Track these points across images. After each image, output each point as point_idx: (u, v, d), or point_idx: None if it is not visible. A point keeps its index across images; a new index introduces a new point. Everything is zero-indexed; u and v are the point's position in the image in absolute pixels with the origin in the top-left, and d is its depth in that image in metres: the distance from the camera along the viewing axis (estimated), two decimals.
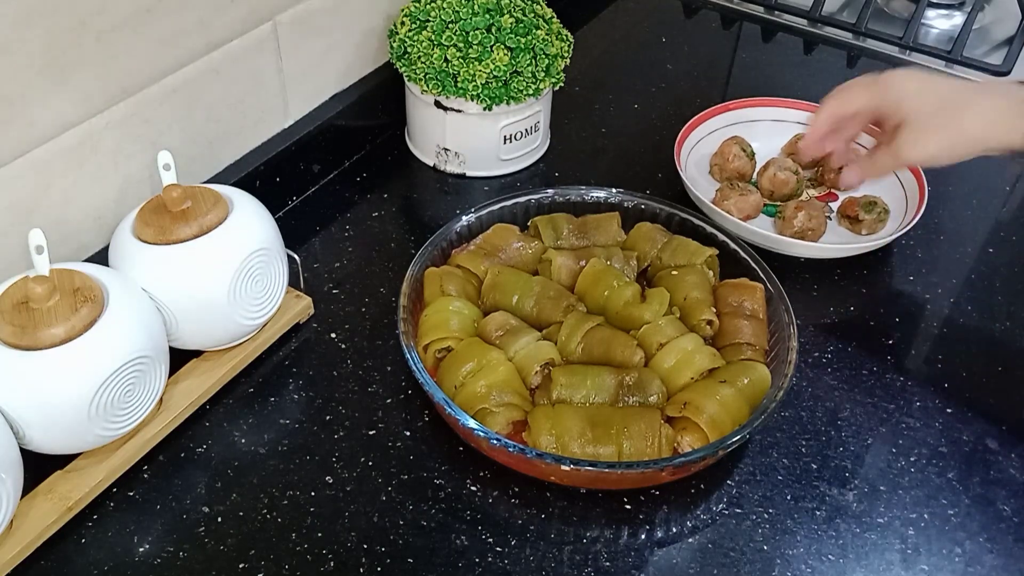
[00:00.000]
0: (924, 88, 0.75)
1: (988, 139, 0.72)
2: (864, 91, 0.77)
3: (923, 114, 0.73)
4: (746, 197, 0.93)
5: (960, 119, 0.73)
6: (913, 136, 0.74)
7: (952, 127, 0.73)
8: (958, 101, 0.73)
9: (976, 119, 0.72)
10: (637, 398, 0.73)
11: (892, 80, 0.76)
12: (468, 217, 0.86)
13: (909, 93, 0.74)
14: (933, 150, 0.74)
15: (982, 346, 0.85)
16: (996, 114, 0.72)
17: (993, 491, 0.73)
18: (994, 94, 0.73)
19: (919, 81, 0.75)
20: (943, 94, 0.74)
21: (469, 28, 0.91)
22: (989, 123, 0.72)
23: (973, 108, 0.73)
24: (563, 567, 0.67)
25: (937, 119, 0.73)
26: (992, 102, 0.72)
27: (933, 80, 0.76)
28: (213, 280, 0.72)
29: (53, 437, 0.66)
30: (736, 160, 0.98)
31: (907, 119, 0.74)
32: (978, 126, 0.72)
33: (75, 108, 0.72)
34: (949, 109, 0.73)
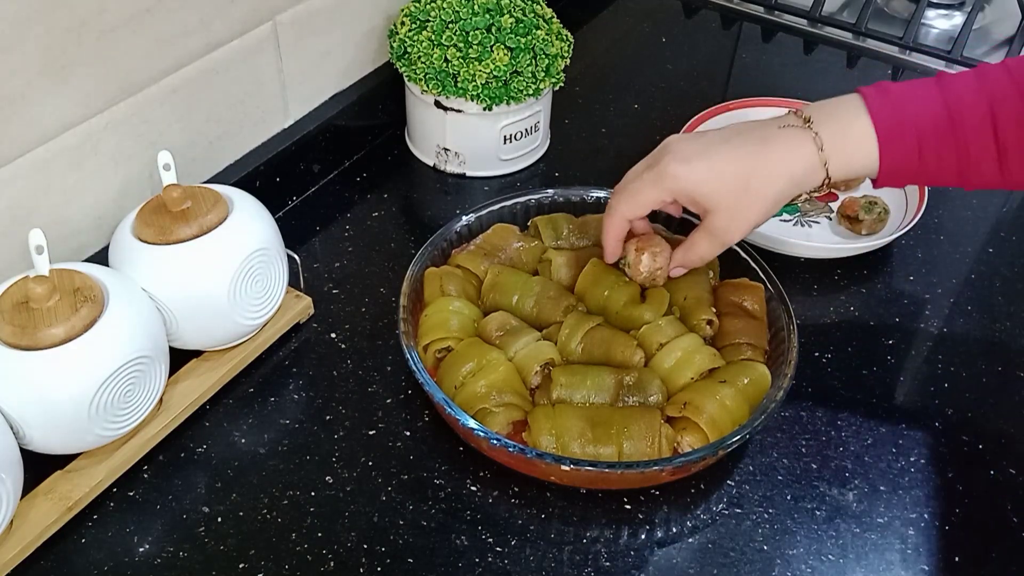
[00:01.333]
0: (712, 168, 0.70)
1: (797, 187, 0.71)
2: (653, 190, 0.73)
3: (724, 200, 0.71)
4: None
5: (762, 190, 0.70)
6: (726, 222, 0.72)
7: (759, 200, 0.70)
8: (752, 173, 0.70)
9: (777, 184, 0.70)
10: (637, 398, 0.73)
11: (676, 172, 0.71)
12: (468, 217, 0.86)
13: (701, 181, 0.71)
14: (749, 225, 0.72)
15: (982, 346, 0.85)
16: (793, 170, 0.70)
17: (993, 491, 0.73)
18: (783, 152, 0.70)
19: (703, 163, 0.71)
20: (734, 172, 0.70)
21: (469, 28, 0.91)
22: (789, 182, 0.70)
23: (769, 175, 0.70)
24: (563, 567, 0.67)
25: (741, 199, 0.71)
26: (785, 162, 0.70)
27: (714, 155, 0.71)
28: (213, 280, 0.72)
29: (53, 437, 0.66)
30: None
31: (711, 208, 0.72)
32: (781, 189, 0.70)
33: (75, 108, 0.72)
34: (749, 185, 0.70)
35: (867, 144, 0.68)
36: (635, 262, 0.80)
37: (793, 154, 0.69)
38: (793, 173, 0.70)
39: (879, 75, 1.20)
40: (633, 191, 0.74)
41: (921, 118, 0.68)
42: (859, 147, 0.69)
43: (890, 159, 0.68)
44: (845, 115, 0.69)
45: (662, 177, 0.71)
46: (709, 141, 0.72)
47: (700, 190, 0.71)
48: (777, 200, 0.71)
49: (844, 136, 0.69)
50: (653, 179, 0.72)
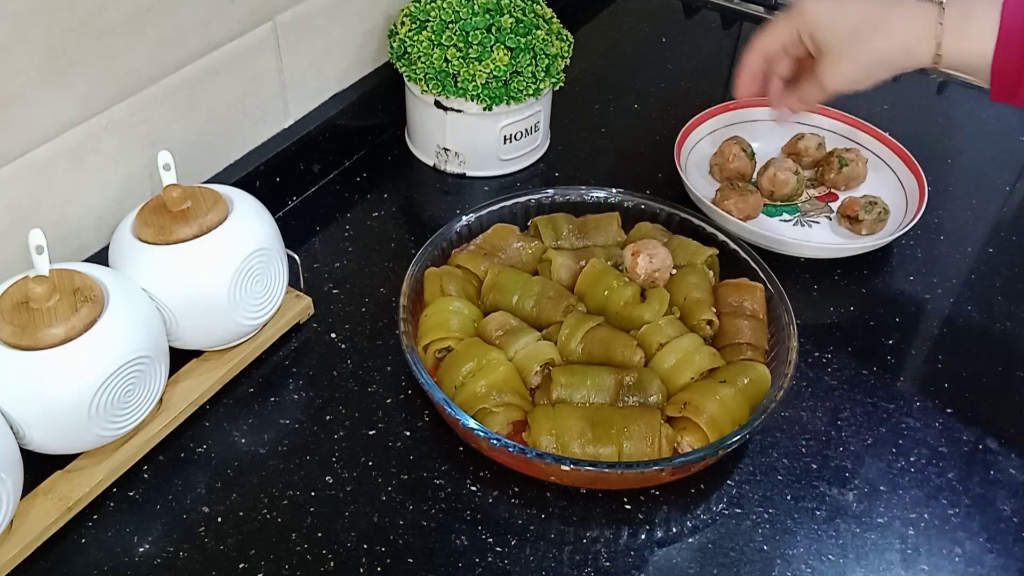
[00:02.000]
0: (836, 12, 0.75)
1: (901, 60, 0.73)
2: (784, 22, 0.78)
3: (837, 41, 0.74)
4: (746, 197, 0.93)
5: (873, 43, 0.73)
6: (830, 64, 0.75)
7: (865, 52, 0.73)
8: (870, 23, 0.73)
9: (888, 42, 0.73)
10: (637, 398, 0.73)
11: (803, 8, 0.77)
12: (468, 217, 0.86)
13: (822, 19, 0.75)
14: (851, 76, 0.75)
15: (982, 346, 0.85)
16: (907, 35, 0.72)
17: (993, 491, 0.73)
18: (904, 14, 0.73)
19: (832, 5, 0.75)
20: (855, 17, 0.74)
21: (469, 28, 0.91)
22: (900, 45, 0.72)
23: (884, 31, 0.73)
24: (563, 567, 0.67)
25: (851, 45, 0.74)
26: (903, 23, 0.72)
27: (842, 3, 0.75)
28: (213, 280, 0.72)
29: (53, 437, 0.66)
30: (736, 160, 0.98)
31: (823, 47, 0.76)
32: (890, 48, 0.73)
33: (75, 108, 0.72)
34: (862, 33, 0.73)
35: (987, 37, 0.69)
36: (632, 265, 0.80)
37: (912, 20, 0.71)
38: (905, 38, 0.72)
39: None
40: (768, 26, 0.80)
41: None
42: (978, 36, 0.69)
43: (1003, 59, 0.68)
44: (979, 3, 0.70)
45: (792, 11, 0.77)
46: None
47: (819, 26, 0.75)
48: (881, 57, 0.73)
49: (967, 20, 0.70)
50: (786, 14, 0.78)
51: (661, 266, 0.80)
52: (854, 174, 0.98)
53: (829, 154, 1.00)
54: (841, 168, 0.98)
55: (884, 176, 1.00)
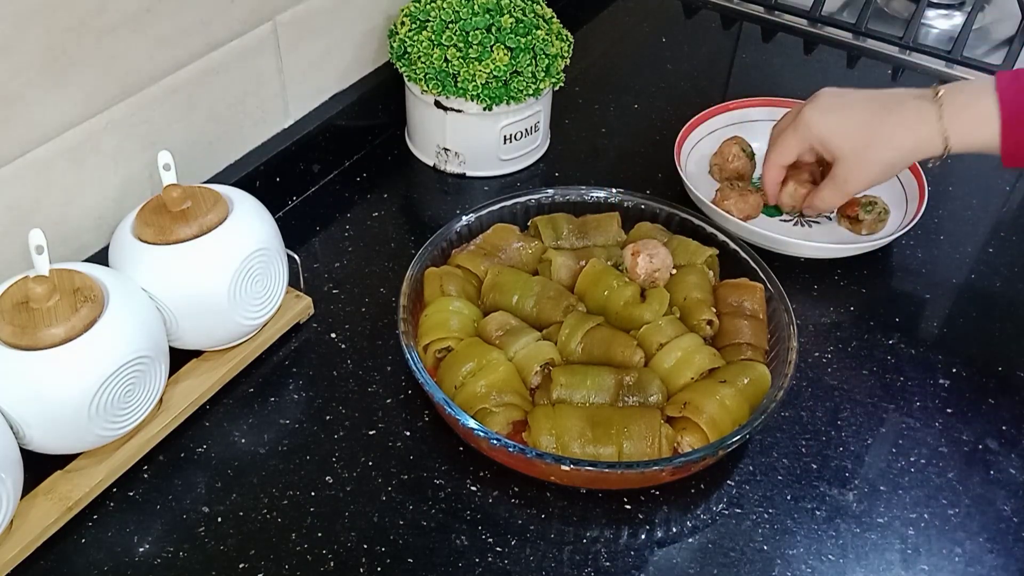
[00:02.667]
0: (843, 122, 0.81)
1: (913, 158, 0.80)
2: (793, 138, 0.84)
3: (850, 150, 0.81)
4: (746, 197, 0.93)
5: (883, 151, 0.80)
6: (848, 171, 0.82)
7: (878, 159, 0.80)
8: (876, 134, 0.79)
9: (898, 149, 0.79)
10: (637, 398, 0.73)
11: (811, 120, 0.82)
12: (468, 217, 0.86)
13: (831, 131, 0.81)
14: (869, 179, 0.82)
15: (982, 346, 0.85)
16: (915, 139, 0.78)
17: (993, 491, 0.73)
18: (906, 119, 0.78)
19: (836, 115, 0.81)
20: (862, 125, 0.80)
21: (469, 28, 0.91)
22: (910, 149, 0.79)
23: (891, 139, 0.79)
24: (563, 567, 0.67)
25: (865, 153, 0.80)
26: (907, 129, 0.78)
27: (849, 109, 0.81)
28: (213, 280, 0.72)
29: (53, 437, 0.66)
30: (736, 160, 0.98)
31: (837, 156, 0.82)
32: (901, 154, 0.79)
33: (75, 108, 0.72)
34: (871, 144, 0.80)
35: (990, 123, 0.74)
36: (632, 265, 0.80)
37: (914, 124, 0.77)
38: (913, 143, 0.78)
39: (879, 75, 1.20)
40: (779, 142, 0.86)
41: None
42: (982, 123, 0.75)
43: (1012, 139, 0.74)
44: (973, 92, 0.76)
45: (800, 125, 0.83)
46: (848, 99, 0.82)
47: (829, 139, 0.81)
48: (893, 163, 0.80)
49: (968, 110, 0.75)
50: (794, 127, 0.83)
51: (661, 266, 0.80)
52: None
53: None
54: None
55: None
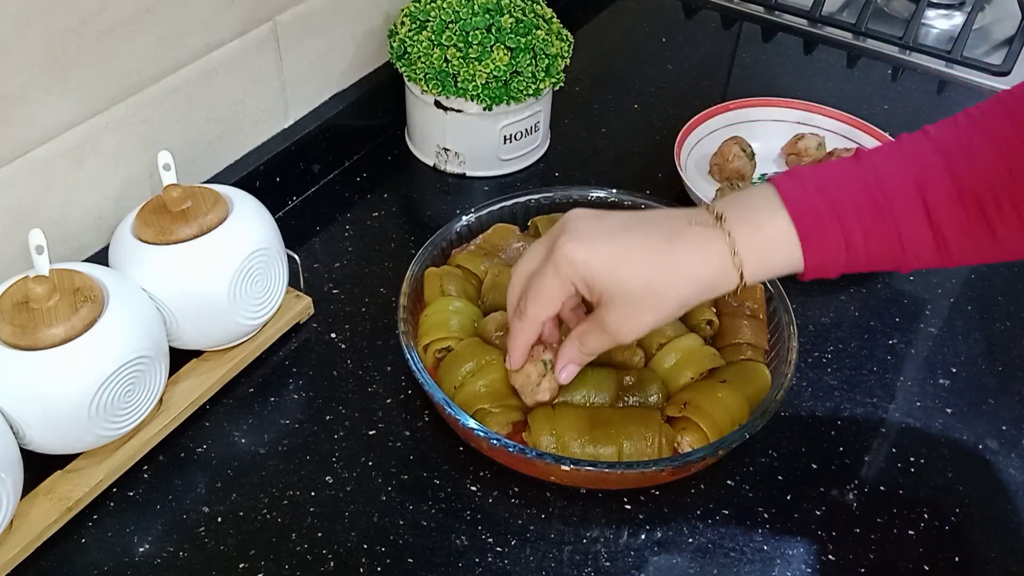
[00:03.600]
0: (617, 255, 0.62)
1: (704, 296, 0.63)
2: (555, 281, 0.64)
3: (622, 298, 0.62)
4: None
5: (670, 293, 0.62)
6: (620, 320, 0.63)
7: (664, 302, 0.62)
8: (665, 263, 0.61)
9: (688, 287, 0.62)
10: (637, 398, 0.73)
11: (573, 255, 0.62)
12: (468, 217, 0.86)
13: (595, 273, 0.62)
14: (650, 325, 0.64)
15: (982, 346, 0.85)
16: (707, 266, 0.61)
17: (993, 491, 0.73)
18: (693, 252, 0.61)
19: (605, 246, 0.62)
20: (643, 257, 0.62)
21: (469, 28, 0.91)
22: (701, 286, 0.62)
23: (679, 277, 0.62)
24: (563, 567, 0.67)
25: (641, 301, 0.62)
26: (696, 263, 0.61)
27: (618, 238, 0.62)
28: (213, 280, 0.72)
29: (53, 437, 0.66)
30: (736, 160, 0.98)
31: (605, 302, 0.63)
32: (691, 293, 0.62)
33: (75, 108, 0.72)
34: (650, 288, 0.62)
35: (787, 242, 0.60)
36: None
37: (702, 257, 0.61)
38: (701, 277, 0.61)
39: (879, 75, 1.20)
40: (539, 290, 0.65)
41: (844, 205, 0.60)
42: (778, 245, 0.61)
43: (815, 255, 0.60)
44: (761, 211, 0.61)
45: (558, 263, 0.63)
46: (612, 226, 0.63)
47: (596, 279, 0.62)
48: (681, 304, 0.63)
49: (760, 235, 0.60)
50: (552, 269, 0.64)
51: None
52: None
53: (829, 154, 1.00)
54: None
55: None
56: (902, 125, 1.06)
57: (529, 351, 0.70)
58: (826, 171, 0.62)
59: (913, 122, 1.10)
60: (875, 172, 0.60)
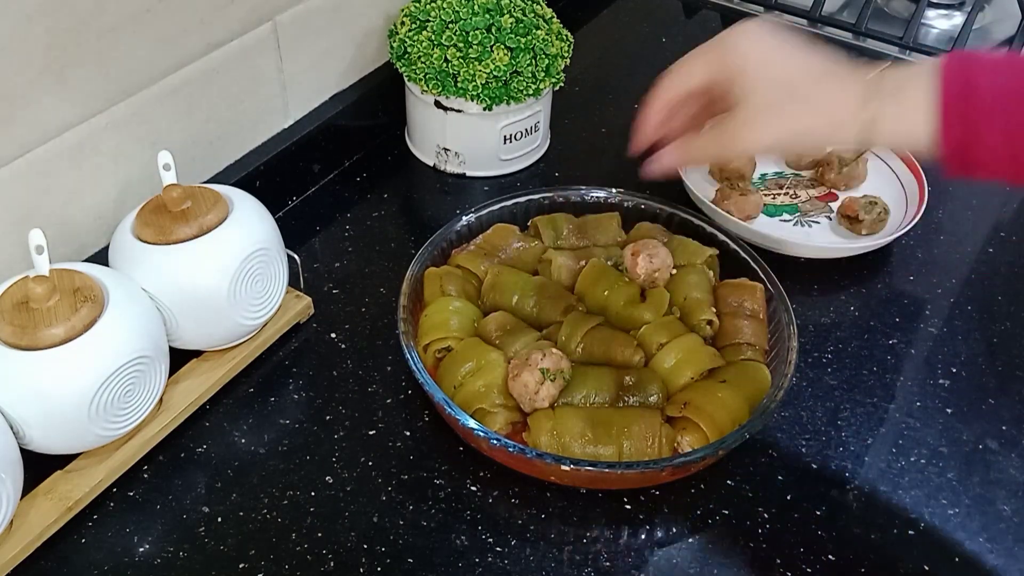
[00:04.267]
0: (769, 61, 0.62)
1: (829, 136, 0.62)
2: (703, 63, 0.65)
3: (760, 96, 0.62)
4: (746, 197, 0.93)
5: (799, 110, 0.61)
6: (746, 120, 0.63)
7: (789, 118, 0.62)
8: (801, 88, 0.62)
9: (815, 114, 0.62)
10: (637, 398, 0.73)
11: (736, 43, 0.63)
12: (468, 217, 0.86)
13: (751, 64, 0.62)
14: (767, 141, 0.63)
15: (982, 346, 0.85)
16: (836, 109, 0.61)
17: (993, 491, 0.73)
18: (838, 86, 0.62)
19: (765, 49, 0.63)
20: (788, 74, 0.62)
21: (469, 28, 0.91)
22: (828, 120, 0.61)
23: (814, 101, 0.62)
24: (563, 567, 0.67)
25: (775, 106, 0.62)
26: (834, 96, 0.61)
27: (781, 50, 0.63)
28: (213, 280, 0.72)
29: (53, 437, 0.66)
30: (736, 160, 0.98)
31: (743, 98, 0.63)
32: (818, 123, 0.62)
33: (75, 108, 0.72)
34: (790, 96, 0.61)
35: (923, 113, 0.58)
36: (632, 265, 0.80)
37: (845, 96, 0.61)
38: (834, 113, 0.61)
39: None
40: (685, 63, 0.66)
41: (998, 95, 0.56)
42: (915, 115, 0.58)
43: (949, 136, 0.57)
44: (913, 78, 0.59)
45: (718, 43, 0.64)
46: (785, 39, 0.63)
47: (748, 73, 0.62)
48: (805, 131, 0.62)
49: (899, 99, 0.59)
50: (710, 47, 0.65)
51: (661, 266, 0.80)
52: (854, 174, 0.98)
53: (829, 154, 1.00)
54: (841, 168, 0.98)
55: (884, 176, 1.00)
56: None
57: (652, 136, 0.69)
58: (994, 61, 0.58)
59: None
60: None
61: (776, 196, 0.98)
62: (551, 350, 0.73)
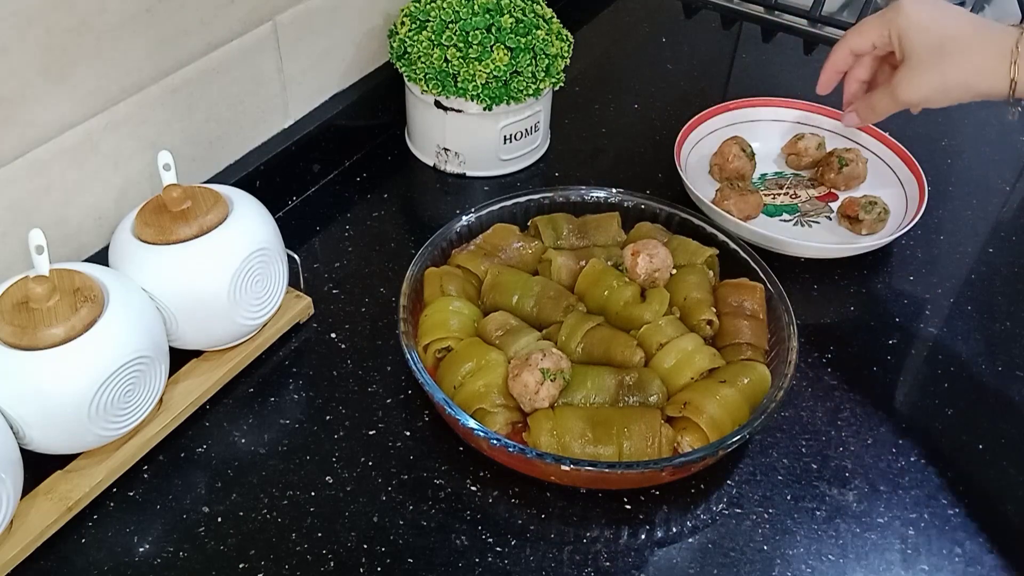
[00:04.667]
0: (932, 20, 0.74)
1: (978, 85, 0.73)
2: (877, 22, 0.78)
3: (922, 50, 0.74)
4: (746, 197, 0.93)
5: (953, 63, 0.73)
6: (908, 75, 0.75)
7: (946, 69, 0.73)
8: (958, 40, 0.73)
9: (967, 65, 0.72)
10: (637, 398, 0.73)
11: (903, 7, 0.76)
12: (468, 217, 0.86)
13: (916, 23, 0.74)
14: (926, 91, 0.75)
15: (982, 346, 0.85)
16: (985, 61, 0.71)
17: (993, 491, 0.73)
18: (989, 40, 0.72)
19: (931, 10, 0.75)
20: (946, 31, 0.73)
21: (469, 28, 0.91)
22: (978, 70, 0.72)
23: (966, 53, 0.72)
24: (563, 567, 0.67)
25: (932, 60, 0.73)
26: (984, 48, 0.72)
27: (944, 11, 0.75)
28: (213, 280, 0.72)
29: (53, 437, 0.66)
30: (736, 160, 0.98)
31: (908, 53, 0.75)
32: (969, 72, 0.72)
33: (75, 108, 0.72)
34: (946, 50, 0.73)
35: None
36: (632, 265, 0.80)
37: (995, 49, 0.71)
38: (983, 61, 0.71)
39: None
40: (861, 23, 0.80)
41: None
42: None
43: None
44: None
45: (890, 9, 0.76)
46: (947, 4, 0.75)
47: (911, 30, 0.74)
48: (960, 81, 0.73)
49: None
50: (881, 14, 0.78)
51: (661, 266, 0.80)
52: (854, 174, 0.98)
53: (829, 154, 1.00)
54: (841, 168, 0.98)
55: (884, 176, 1.00)
56: (902, 125, 1.06)
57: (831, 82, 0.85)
58: None
59: (914, 121, 1.10)
60: None
61: (776, 196, 0.98)
62: (551, 350, 0.73)
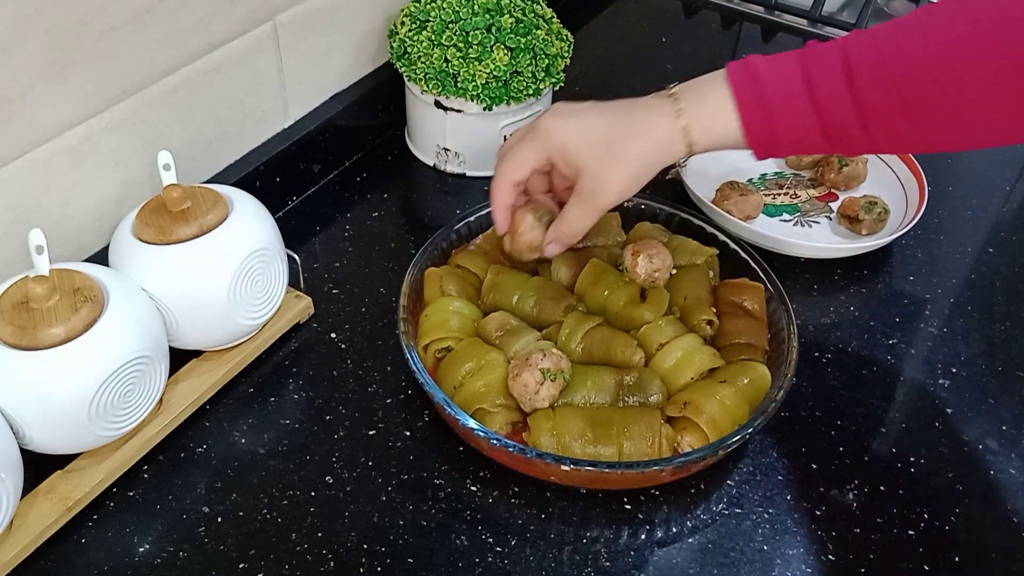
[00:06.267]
0: (583, 128, 0.72)
1: (659, 158, 0.71)
2: (529, 146, 0.74)
3: (591, 156, 0.72)
4: (746, 197, 0.93)
5: (627, 149, 0.71)
6: (592, 183, 0.72)
7: (623, 159, 0.71)
8: (617, 131, 0.71)
9: (641, 144, 0.71)
10: (637, 398, 0.73)
11: (550, 127, 0.73)
12: (468, 217, 0.86)
13: (572, 138, 0.72)
14: (618, 187, 0.72)
15: (982, 346, 0.85)
16: (656, 133, 0.71)
17: (993, 491, 0.73)
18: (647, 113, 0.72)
19: (575, 120, 0.73)
20: (603, 129, 0.72)
21: (469, 28, 0.91)
22: (653, 144, 0.71)
23: (634, 134, 0.71)
24: (563, 567, 0.67)
25: (607, 156, 0.71)
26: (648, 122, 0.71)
27: (587, 114, 0.73)
28: (213, 280, 0.72)
29: (53, 437, 0.66)
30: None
31: (579, 165, 0.72)
32: (645, 150, 0.71)
33: (75, 108, 0.72)
34: (613, 143, 0.71)
35: (727, 114, 0.69)
36: (632, 265, 0.80)
37: (654, 118, 0.71)
38: (654, 136, 0.70)
39: None
40: (512, 153, 0.74)
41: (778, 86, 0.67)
42: (718, 116, 0.69)
43: (753, 123, 0.68)
44: (706, 86, 0.71)
45: (536, 133, 0.73)
46: (584, 106, 0.74)
47: (569, 147, 0.72)
48: (640, 160, 0.71)
49: (703, 104, 0.70)
50: (530, 137, 0.73)
51: (661, 266, 0.80)
52: (854, 174, 0.98)
53: (829, 154, 1.00)
54: (841, 168, 0.98)
55: (884, 176, 1.00)
56: None
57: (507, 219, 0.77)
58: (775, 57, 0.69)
59: None
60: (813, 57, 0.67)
61: (776, 196, 0.98)
62: (551, 350, 0.73)
